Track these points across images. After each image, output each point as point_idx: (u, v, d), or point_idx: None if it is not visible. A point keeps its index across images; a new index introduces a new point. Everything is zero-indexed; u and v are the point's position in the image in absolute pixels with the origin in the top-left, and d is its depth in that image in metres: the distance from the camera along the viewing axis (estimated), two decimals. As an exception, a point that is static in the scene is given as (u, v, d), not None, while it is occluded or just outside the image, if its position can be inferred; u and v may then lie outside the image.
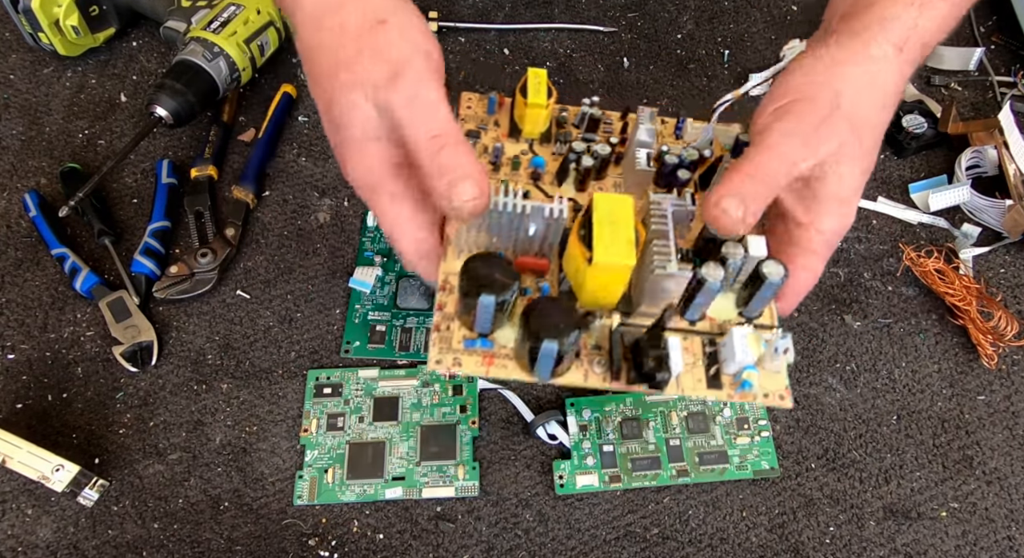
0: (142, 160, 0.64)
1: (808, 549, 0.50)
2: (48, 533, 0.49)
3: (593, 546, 0.49)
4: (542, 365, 0.34)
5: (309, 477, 0.51)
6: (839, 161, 0.37)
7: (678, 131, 0.45)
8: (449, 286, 0.38)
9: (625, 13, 0.75)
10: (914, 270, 0.58)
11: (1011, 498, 0.51)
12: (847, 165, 0.37)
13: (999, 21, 0.75)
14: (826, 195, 0.37)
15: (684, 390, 0.37)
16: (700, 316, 0.39)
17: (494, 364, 0.36)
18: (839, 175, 0.37)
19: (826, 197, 0.37)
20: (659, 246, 0.36)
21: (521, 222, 0.36)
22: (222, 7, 0.63)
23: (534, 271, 0.39)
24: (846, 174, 0.37)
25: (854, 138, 0.37)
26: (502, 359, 0.37)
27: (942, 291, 0.57)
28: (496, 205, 0.36)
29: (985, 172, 0.64)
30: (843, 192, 0.37)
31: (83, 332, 0.56)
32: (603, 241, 0.34)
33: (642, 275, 0.37)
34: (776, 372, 0.38)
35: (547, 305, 0.34)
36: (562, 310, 0.34)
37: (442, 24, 0.72)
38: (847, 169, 0.37)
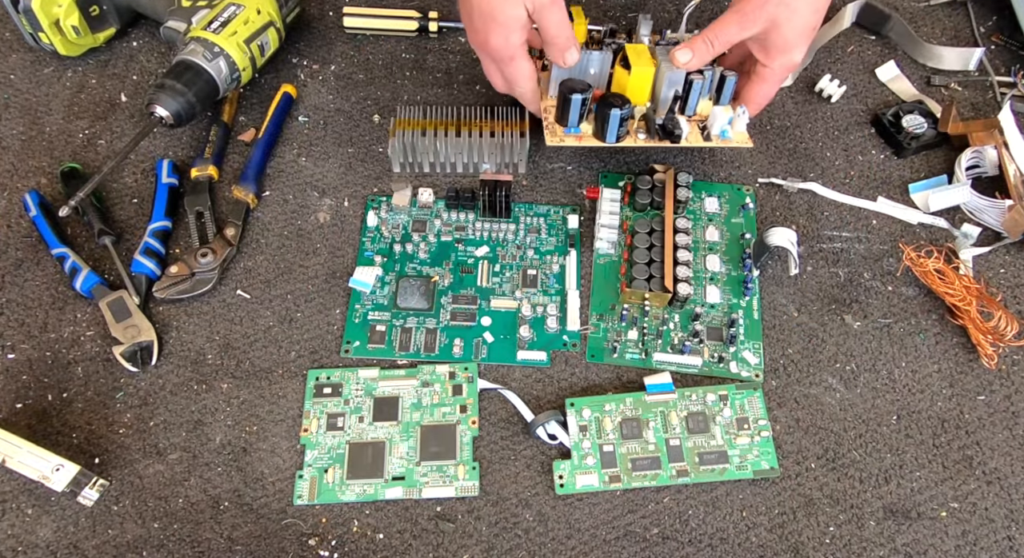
0: (142, 160, 0.64)
1: (808, 549, 0.50)
2: (48, 533, 0.49)
3: (593, 546, 0.49)
4: (611, 128, 0.57)
5: (309, 477, 0.51)
6: (778, 25, 0.54)
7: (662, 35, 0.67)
8: (549, 109, 0.61)
9: (625, 13, 0.75)
10: (914, 270, 0.58)
11: (1011, 498, 0.51)
12: (785, 27, 0.55)
13: (999, 21, 0.75)
14: (771, 44, 0.56)
15: (690, 142, 0.59)
16: (694, 112, 0.61)
17: (582, 139, 0.59)
18: (779, 33, 0.55)
19: (771, 46, 0.56)
20: (665, 62, 0.58)
21: (587, 63, 0.59)
22: (222, 7, 0.63)
23: (594, 97, 0.60)
24: (785, 31, 0.55)
25: (787, 11, 0.54)
26: (587, 138, 0.60)
27: (942, 291, 0.57)
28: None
29: (985, 172, 0.64)
30: (784, 42, 0.56)
31: (83, 332, 0.56)
32: (635, 61, 0.58)
33: (657, 76, 0.59)
34: (740, 130, 0.60)
35: (611, 95, 0.58)
36: (620, 97, 0.58)
37: (442, 24, 0.72)
38: (786, 29, 0.55)
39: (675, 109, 0.60)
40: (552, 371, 0.56)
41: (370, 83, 0.70)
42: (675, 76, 0.58)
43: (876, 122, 0.67)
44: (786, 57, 0.57)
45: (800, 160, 0.66)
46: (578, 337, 0.57)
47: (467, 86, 0.70)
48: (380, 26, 0.72)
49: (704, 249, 0.61)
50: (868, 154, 0.66)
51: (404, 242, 0.60)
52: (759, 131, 0.68)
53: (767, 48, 0.57)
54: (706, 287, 0.59)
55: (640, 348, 0.56)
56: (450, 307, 0.58)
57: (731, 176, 0.65)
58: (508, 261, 0.60)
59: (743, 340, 0.56)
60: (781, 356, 0.56)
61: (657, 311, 0.57)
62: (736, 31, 0.55)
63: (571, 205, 0.63)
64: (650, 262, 0.57)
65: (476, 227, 0.61)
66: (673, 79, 0.58)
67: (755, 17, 0.55)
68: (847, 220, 0.63)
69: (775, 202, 0.64)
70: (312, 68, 0.70)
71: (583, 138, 0.59)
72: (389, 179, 0.64)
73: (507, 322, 0.57)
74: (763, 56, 0.57)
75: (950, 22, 0.75)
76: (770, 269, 0.60)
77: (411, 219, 0.62)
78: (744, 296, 0.58)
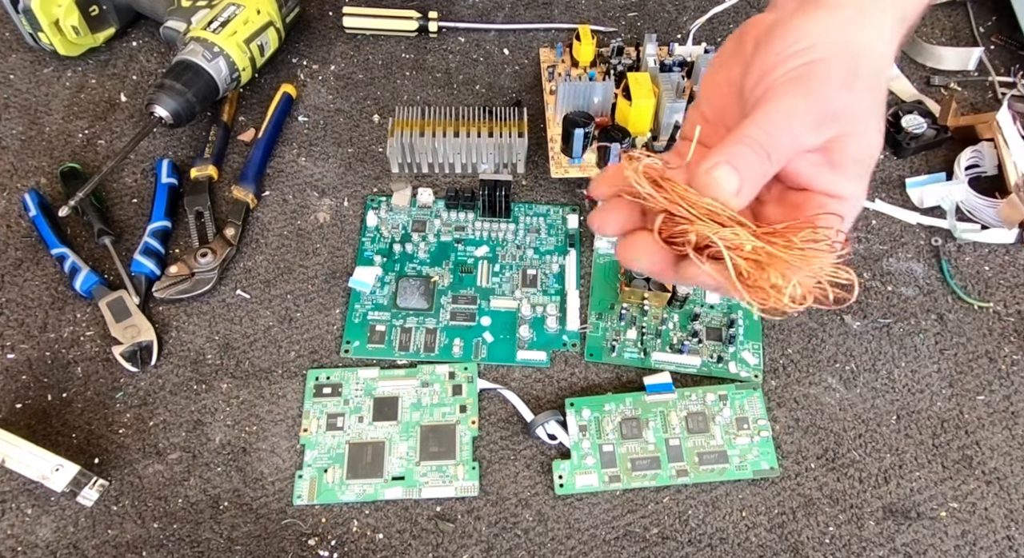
0: (142, 160, 0.64)
1: (808, 549, 0.50)
2: (48, 533, 0.49)
3: (593, 546, 0.49)
4: (612, 159, 0.60)
5: (309, 477, 0.51)
6: (864, 128, 0.35)
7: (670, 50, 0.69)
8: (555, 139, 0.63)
9: (625, 13, 0.75)
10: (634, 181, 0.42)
11: (1011, 498, 0.51)
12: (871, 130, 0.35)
13: (999, 21, 0.75)
14: (849, 156, 0.35)
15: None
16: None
17: (585, 170, 0.62)
18: (865, 140, 0.35)
19: (849, 158, 0.35)
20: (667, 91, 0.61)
21: (591, 92, 0.62)
22: (222, 7, 0.63)
23: (599, 125, 0.62)
24: (870, 139, 0.35)
25: (874, 103, 0.35)
26: (590, 168, 0.62)
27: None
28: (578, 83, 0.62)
29: (984, 171, 0.64)
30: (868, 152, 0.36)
31: (83, 332, 0.56)
32: (636, 93, 0.59)
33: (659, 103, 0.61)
34: None
35: (612, 127, 0.61)
36: (621, 130, 0.60)
37: (442, 24, 0.72)
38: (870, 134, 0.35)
39: (676, 136, 0.60)
40: (552, 371, 0.56)
41: (370, 83, 0.70)
42: (676, 105, 0.59)
43: (876, 122, 0.67)
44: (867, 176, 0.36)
45: (800, 160, 0.66)
46: (578, 337, 0.57)
47: (466, 86, 0.70)
48: (380, 26, 0.72)
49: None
50: (868, 154, 0.66)
51: (404, 242, 0.60)
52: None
53: (843, 162, 0.35)
54: (706, 287, 0.59)
55: (639, 347, 0.56)
56: (450, 307, 0.58)
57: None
58: (508, 261, 0.60)
59: (742, 340, 0.56)
60: (781, 356, 0.56)
61: (656, 311, 0.57)
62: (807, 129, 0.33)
63: (571, 205, 0.63)
64: (650, 262, 0.57)
65: (476, 227, 0.61)
66: (674, 108, 0.60)
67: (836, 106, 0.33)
68: (847, 220, 0.63)
69: (775, 202, 0.64)
70: (312, 68, 0.70)
71: (586, 168, 0.62)
72: (389, 179, 0.64)
73: (507, 322, 0.57)
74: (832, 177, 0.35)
75: (950, 22, 0.75)
76: (770, 269, 0.60)
77: (411, 219, 0.62)
78: (744, 296, 0.58)
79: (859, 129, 0.35)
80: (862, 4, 0.36)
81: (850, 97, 0.34)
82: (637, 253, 0.35)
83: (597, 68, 0.68)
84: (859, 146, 0.35)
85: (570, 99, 0.62)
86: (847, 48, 0.34)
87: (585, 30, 0.66)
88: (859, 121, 0.35)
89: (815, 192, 0.35)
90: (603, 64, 0.67)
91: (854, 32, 0.35)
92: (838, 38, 0.35)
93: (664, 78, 0.61)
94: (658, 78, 0.61)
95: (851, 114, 0.34)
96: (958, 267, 0.60)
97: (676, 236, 0.33)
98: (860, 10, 0.36)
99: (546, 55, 0.70)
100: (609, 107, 0.62)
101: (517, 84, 0.70)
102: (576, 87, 0.61)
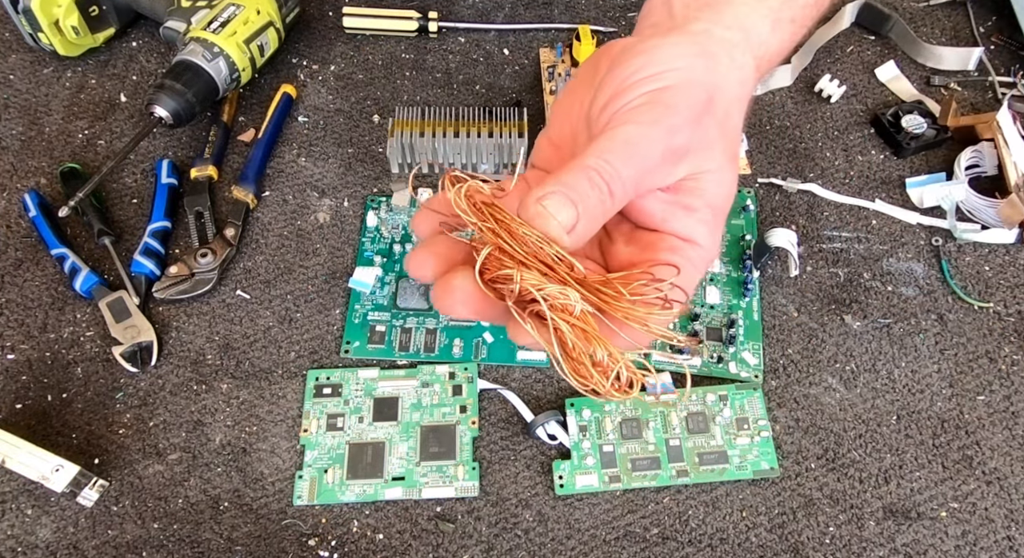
0: (142, 160, 0.64)
1: (808, 549, 0.50)
2: (48, 533, 0.49)
3: (593, 546, 0.49)
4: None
5: (309, 477, 0.51)
6: (718, 168, 0.32)
7: None
8: None
9: (625, 13, 0.75)
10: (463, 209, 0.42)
11: (1011, 498, 0.51)
12: (725, 173, 0.33)
13: (999, 21, 0.75)
14: (702, 205, 0.32)
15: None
16: None
17: None
18: (718, 183, 0.32)
19: (702, 207, 0.32)
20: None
21: None
22: (222, 7, 0.63)
23: None
24: (725, 182, 0.33)
25: (727, 144, 0.33)
26: None
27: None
28: None
29: (984, 172, 0.64)
30: (726, 193, 0.33)
31: (83, 332, 0.56)
32: None
33: None
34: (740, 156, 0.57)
35: None
36: None
37: (442, 24, 0.72)
38: (725, 177, 0.33)
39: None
40: (552, 371, 0.56)
41: (370, 83, 0.70)
42: None
43: (876, 122, 0.67)
44: (721, 223, 0.33)
45: (800, 160, 0.66)
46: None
47: (466, 87, 0.70)
48: (380, 26, 0.72)
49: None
50: (868, 154, 0.66)
51: (404, 242, 0.60)
52: (759, 131, 0.68)
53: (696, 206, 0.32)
54: (706, 288, 0.59)
55: (640, 348, 0.56)
56: (450, 307, 0.58)
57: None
58: (508, 261, 0.60)
59: (743, 340, 0.56)
60: (781, 356, 0.56)
61: (657, 311, 0.57)
62: (653, 162, 0.30)
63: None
64: (650, 262, 0.57)
65: (476, 227, 0.61)
66: None
67: (683, 139, 0.31)
68: (847, 220, 0.63)
69: (775, 202, 0.64)
70: (312, 68, 0.70)
71: None
72: (389, 179, 0.64)
73: (507, 322, 0.57)
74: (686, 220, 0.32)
75: (950, 22, 0.75)
76: (770, 270, 0.60)
77: (411, 219, 0.62)
78: (744, 297, 0.58)
79: (712, 169, 0.32)
80: (726, 40, 0.34)
81: (700, 132, 0.31)
82: (453, 298, 0.28)
83: None
84: (715, 189, 0.32)
85: None
86: (699, 78, 0.32)
87: (585, 30, 0.66)
88: (711, 160, 0.32)
89: (667, 233, 0.32)
90: None
91: (711, 65, 0.33)
92: (692, 66, 0.32)
93: None
94: None
95: (702, 151, 0.32)
96: (958, 267, 0.60)
97: (500, 281, 0.28)
98: (721, 43, 0.34)
99: (546, 55, 0.70)
100: None
101: (517, 84, 0.70)
102: None
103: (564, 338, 0.27)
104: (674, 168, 0.31)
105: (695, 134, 0.31)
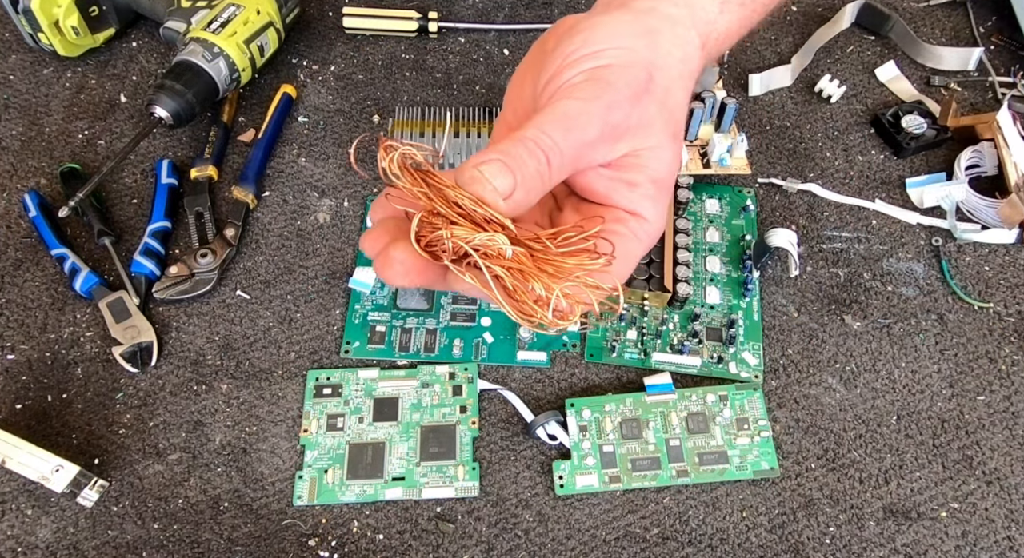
0: (142, 160, 0.64)
1: (808, 549, 0.50)
2: (48, 533, 0.49)
3: (593, 546, 0.49)
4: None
5: (309, 477, 0.51)
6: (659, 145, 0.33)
7: None
8: None
9: (625, 13, 0.75)
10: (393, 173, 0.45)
11: (1011, 498, 0.51)
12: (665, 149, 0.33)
13: (999, 21, 0.75)
14: (646, 170, 0.33)
15: (689, 170, 0.60)
16: (695, 137, 0.61)
17: None
18: (659, 159, 0.33)
19: (646, 172, 0.33)
20: None
21: None
22: (222, 7, 0.63)
23: None
24: (665, 158, 0.33)
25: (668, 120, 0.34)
26: None
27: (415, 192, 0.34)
28: None
29: (984, 172, 0.64)
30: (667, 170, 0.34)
31: (83, 332, 0.56)
32: None
33: None
34: (739, 156, 0.61)
35: None
36: None
37: (442, 24, 0.72)
38: (665, 153, 0.33)
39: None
40: (552, 371, 0.56)
41: (370, 84, 0.70)
42: None
43: (876, 122, 0.67)
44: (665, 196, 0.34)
45: (800, 160, 0.66)
46: (578, 337, 0.57)
47: (466, 87, 0.70)
48: (380, 26, 0.72)
49: (704, 250, 0.61)
50: (868, 154, 0.66)
51: (404, 242, 0.60)
52: (759, 131, 0.68)
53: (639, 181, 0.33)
54: (706, 288, 0.59)
55: (639, 348, 0.56)
56: (450, 307, 0.58)
57: (731, 177, 0.65)
58: (508, 261, 0.60)
59: (743, 341, 0.56)
60: (781, 356, 0.56)
61: (656, 311, 0.57)
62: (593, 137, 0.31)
63: (571, 205, 0.63)
64: (650, 262, 0.57)
65: (476, 227, 0.61)
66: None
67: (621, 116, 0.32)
68: (847, 220, 0.63)
69: (775, 202, 0.64)
70: (312, 68, 0.70)
71: None
72: (389, 179, 0.64)
73: (507, 322, 0.57)
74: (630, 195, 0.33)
75: (950, 22, 0.75)
76: (770, 270, 0.60)
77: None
78: (744, 297, 0.58)
79: (653, 145, 0.33)
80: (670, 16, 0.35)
81: (639, 110, 0.32)
82: (394, 267, 0.29)
83: None
84: (656, 165, 0.33)
85: None
86: (639, 57, 0.32)
87: None
88: (651, 137, 0.33)
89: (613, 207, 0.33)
90: None
91: (652, 42, 0.33)
92: (632, 45, 0.33)
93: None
94: None
95: (642, 129, 0.32)
96: (958, 267, 0.60)
97: (435, 243, 0.29)
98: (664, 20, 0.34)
99: None
100: None
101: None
102: None
103: (504, 283, 0.28)
104: (614, 145, 0.32)
105: (634, 111, 0.32)
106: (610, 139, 0.32)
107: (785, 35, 0.74)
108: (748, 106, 0.69)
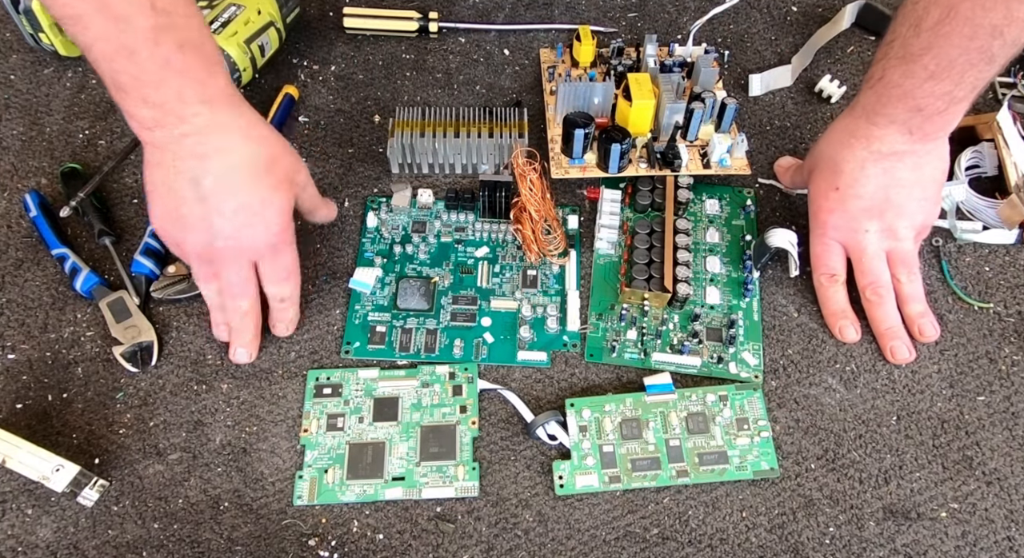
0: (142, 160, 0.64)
1: (808, 549, 0.50)
2: (48, 533, 0.49)
3: (593, 546, 0.49)
4: (612, 161, 0.60)
5: (309, 477, 0.51)
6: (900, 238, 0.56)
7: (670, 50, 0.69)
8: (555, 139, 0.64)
9: (625, 13, 0.75)
10: (516, 171, 0.59)
11: (1011, 498, 0.51)
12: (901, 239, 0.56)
13: (999, 22, 0.74)
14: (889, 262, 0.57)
15: (689, 170, 0.61)
16: (696, 137, 0.63)
17: (586, 170, 0.62)
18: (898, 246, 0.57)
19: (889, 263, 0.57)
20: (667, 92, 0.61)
21: (591, 92, 0.62)
22: (223, 7, 0.63)
23: (599, 126, 0.62)
24: (904, 239, 0.57)
25: (888, 222, 0.56)
26: (591, 168, 0.62)
27: (526, 196, 0.58)
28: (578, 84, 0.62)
29: (985, 172, 0.64)
30: (904, 256, 0.57)
31: (83, 332, 0.56)
32: (636, 93, 0.59)
33: (659, 104, 0.61)
34: (739, 156, 0.62)
35: (612, 128, 0.61)
36: (621, 130, 0.60)
37: (442, 24, 0.72)
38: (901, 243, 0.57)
39: (676, 136, 0.61)
40: (552, 371, 0.56)
41: (370, 84, 0.70)
42: (676, 106, 0.60)
43: (876, 122, 0.67)
44: (910, 272, 0.58)
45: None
46: (578, 337, 0.57)
47: (466, 87, 0.70)
48: (380, 26, 0.72)
49: (704, 251, 0.61)
50: (868, 154, 0.66)
51: (404, 243, 0.60)
52: (759, 132, 0.68)
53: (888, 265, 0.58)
54: (706, 288, 0.59)
55: (639, 348, 0.56)
56: (450, 308, 0.58)
57: (732, 178, 0.65)
58: (508, 262, 0.60)
59: (743, 341, 0.56)
60: (781, 357, 0.56)
61: (656, 311, 0.57)
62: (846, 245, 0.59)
63: (571, 205, 0.63)
64: (650, 262, 0.57)
65: (476, 228, 0.61)
66: (674, 109, 0.60)
67: (862, 228, 0.57)
68: (847, 220, 0.62)
69: (775, 202, 0.64)
70: (312, 68, 0.70)
71: (587, 169, 0.62)
72: (389, 180, 0.64)
73: (507, 323, 0.57)
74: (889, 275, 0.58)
75: (950, 22, 0.74)
76: (770, 270, 0.60)
77: (411, 220, 0.62)
78: (744, 297, 0.58)
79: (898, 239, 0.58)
80: (923, 146, 0.55)
81: (865, 223, 0.57)
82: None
83: (597, 69, 0.68)
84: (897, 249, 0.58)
85: (570, 100, 0.62)
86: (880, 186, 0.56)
87: (585, 31, 0.66)
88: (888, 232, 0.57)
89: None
90: (603, 65, 0.68)
91: (895, 166, 0.55)
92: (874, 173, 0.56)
93: (664, 79, 0.61)
94: (658, 79, 0.61)
95: (871, 236, 0.57)
96: (958, 268, 0.60)
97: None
98: (918, 151, 0.55)
99: (546, 56, 0.70)
100: (609, 108, 0.62)
101: (517, 84, 0.70)
102: (576, 88, 0.61)
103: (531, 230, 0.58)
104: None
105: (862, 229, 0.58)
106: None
107: (785, 35, 0.74)
108: (748, 106, 0.69)
